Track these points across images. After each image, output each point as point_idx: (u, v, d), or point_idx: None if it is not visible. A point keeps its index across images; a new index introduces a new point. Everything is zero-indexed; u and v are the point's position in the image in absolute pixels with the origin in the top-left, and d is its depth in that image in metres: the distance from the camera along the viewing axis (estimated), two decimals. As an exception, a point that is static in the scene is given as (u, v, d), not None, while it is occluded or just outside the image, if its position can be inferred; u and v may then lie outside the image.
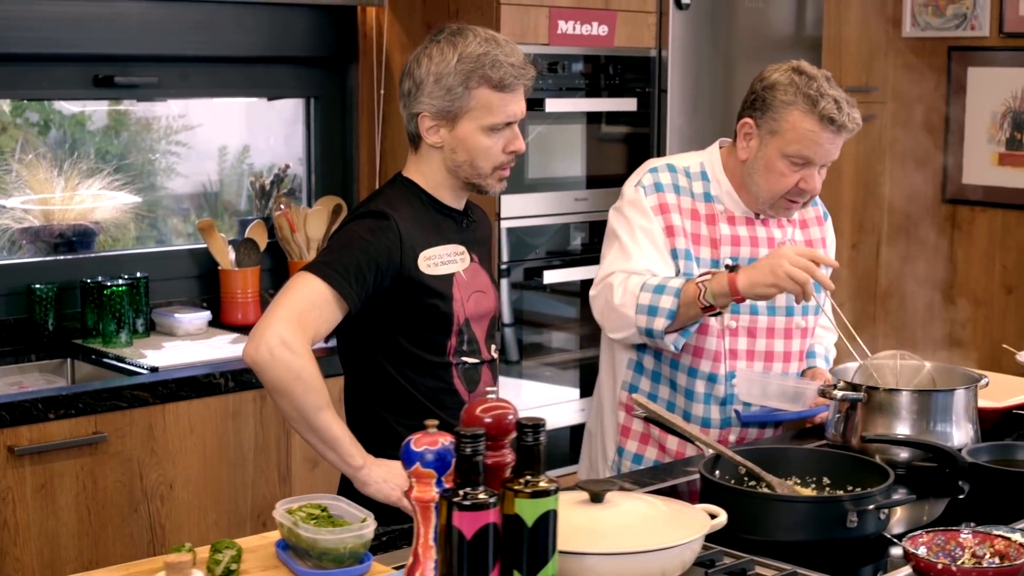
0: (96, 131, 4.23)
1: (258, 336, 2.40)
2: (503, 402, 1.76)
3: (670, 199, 2.83)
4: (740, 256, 2.84)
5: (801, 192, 2.80)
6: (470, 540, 1.58)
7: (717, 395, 2.85)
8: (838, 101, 2.73)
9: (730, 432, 2.85)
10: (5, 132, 4.25)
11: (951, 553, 2.03)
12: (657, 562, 1.87)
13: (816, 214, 3.03)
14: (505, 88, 2.56)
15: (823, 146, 2.74)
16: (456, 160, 2.59)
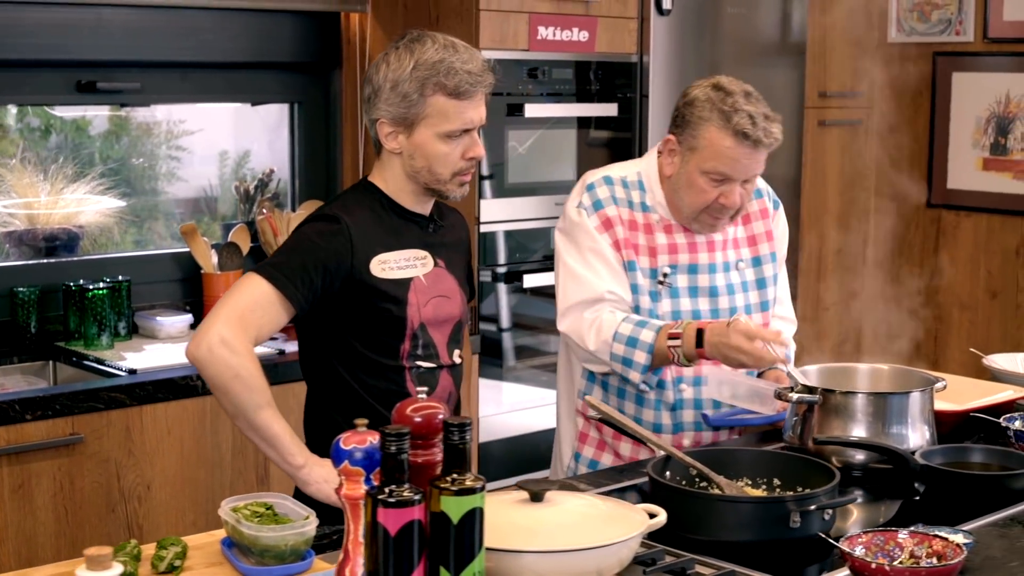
0: (96, 136, 4.28)
1: (200, 334, 2.45)
2: (433, 402, 1.79)
3: (611, 212, 2.84)
4: (679, 263, 2.85)
5: (722, 208, 2.80)
6: (395, 536, 1.61)
7: (667, 400, 2.86)
8: (753, 116, 2.72)
9: (683, 436, 2.87)
10: (6, 137, 4.30)
11: (890, 553, 2.05)
12: (593, 560, 1.90)
13: (761, 207, 3.00)
14: (461, 95, 2.59)
15: (740, 162, 2.74)
16: (415, 166, 2.62)
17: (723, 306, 2.88)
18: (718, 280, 2.89)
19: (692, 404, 2.89)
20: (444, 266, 2.71)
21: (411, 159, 2.62)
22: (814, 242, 5.15)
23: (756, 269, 2.95)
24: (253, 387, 2.46)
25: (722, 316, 2.86)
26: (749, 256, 2.94)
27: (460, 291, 2.75)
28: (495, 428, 4.15)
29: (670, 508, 2.22)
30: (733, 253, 2.92)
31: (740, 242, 2.94)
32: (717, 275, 2.89)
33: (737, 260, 2.92)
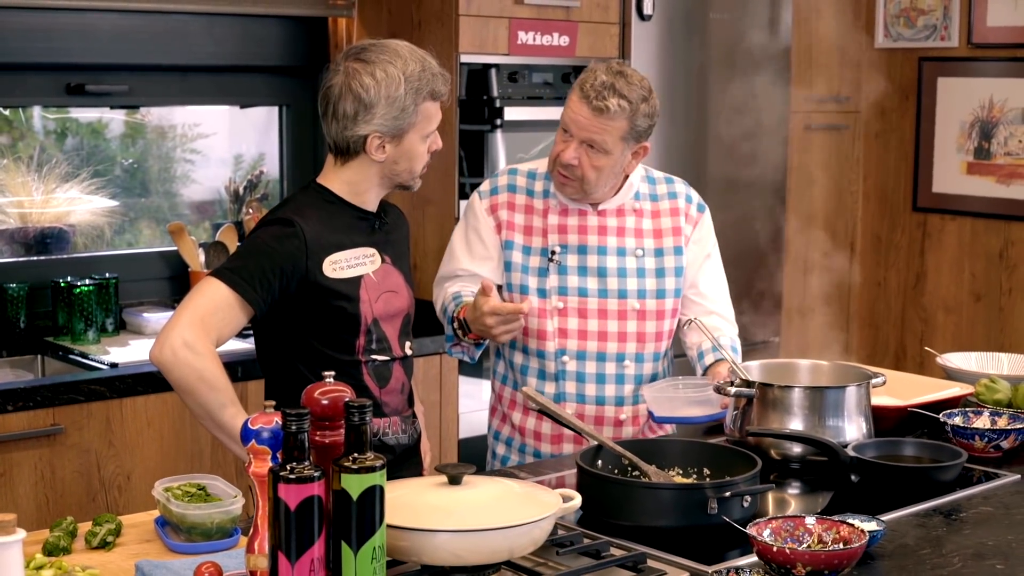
0: (113, 139, 4.40)
1: (163, 338, 2.53)
2: (340, 385, 1.87)
3: (502, 199, 3.07)
4: (568, 243, 3.02)
5: (562, 164, 2.95)
6: (295, 511, 1.70)
7: (548, 371, 3.01)
8: (598, 80, 2.89)
9: (564, 407, 2.98)
10: (23, 139, 4.43)
11: (799, 538, 2.12)
12: (504, 539, 1.98)
13: (674, 206, 3.12)
14: (440, 97, 2.73)
15: (576, 116, 2.90)
16: (396, 169, 2.72)
17: (612, 286, 3.02)
18: (608, 262, 3.02)
19: (575, 376, 3.02)
20: (391, 262, 2.80)
21: (395, 164, 2.71)
22: (800, 245, 5.21)
23: (657, 259, 3.06)
24: (217, 387, 2.54)
25: (610, 296, 3.01)
26: (652, 247, 3.06)
27: (406, 285, 2.84)
28: (475, 424, 4.22)
29: (595, 494, 2.31)
30: (632, 240, 3.05)
31: (644, 232, 3.07)
32: (608, 257, 3.03)
33: (636, 248, 3.05)
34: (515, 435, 3.12)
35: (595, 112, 2.87)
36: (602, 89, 2.88)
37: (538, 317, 3.01)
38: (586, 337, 3.01)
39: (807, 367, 2.92)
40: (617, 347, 3.03)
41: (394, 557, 1.99)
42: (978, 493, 2.52)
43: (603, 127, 2.88)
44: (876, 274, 5.39)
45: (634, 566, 2.08)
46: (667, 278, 3.06)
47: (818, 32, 5.15)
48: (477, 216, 3.08)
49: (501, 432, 3.16)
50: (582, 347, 3.02)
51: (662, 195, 3.12)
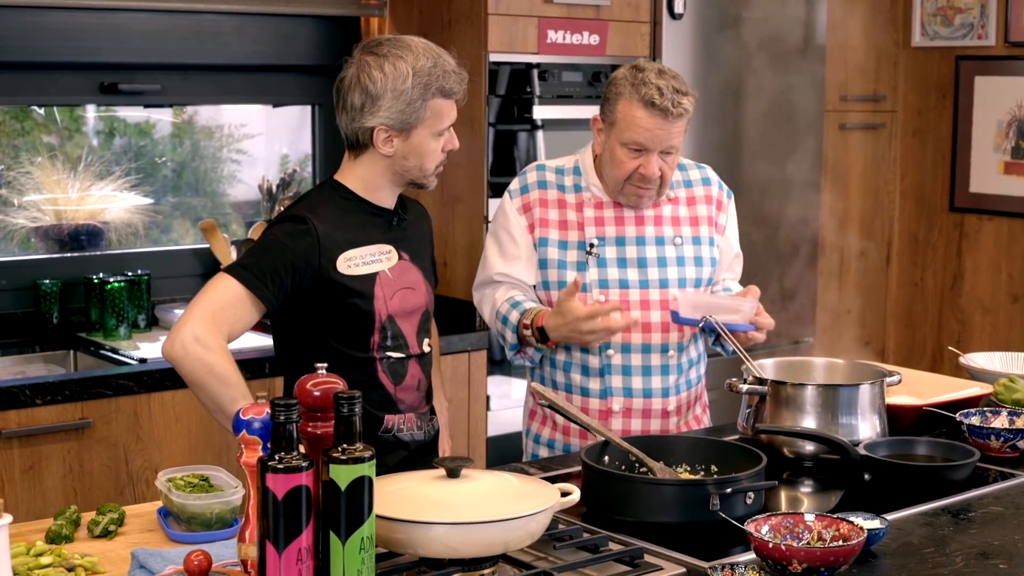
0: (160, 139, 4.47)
1: (174, 333, 2.56)
2: (333, 377, 1.89)
3: (533, 196, 3.05)
4: (606, 235, 3.00)
5: (643, 178, 2.92)
6: (282, 500, 1.72)
7: (593, 366, 2.99)
8: (661, 88, 2.86)
9: (612, 401, 2.98)
10: (71, 139, 4.50)
11: (798, 535, 2.12)
12: (500, 532, 1.99)
13: (707, 193, 3.12)
14: (453, 94, 2.73)
15: (652, 131, 2.87)
16: (406, 165, 2.73)
17: (652, 276, 3.00)
18: (648, 252, 3.01)
19: (621, 370, 3.00)
20: (409, 259, 2.81)
21: (404, 159, 2.72)
22: (835, 244, 5.18)
23: (695, 247, 3.06)
24: (228, 382, 2.57)
25: (652, 286, 2.99)
26: (689, 235, 3.05)
27: (425, 282, 2.85)
28: (503, 422, 4.24)
29: (599, 490, 2.32)
30: (671, 229, 3.04)
31: (681, 220, 3.06)
32: (647, 247, 3.01)
33: (675, 236, 3.04)
34: (557, 436, 3.08)
35: (672, 119, 2.86)
36: (672, 95, 2.86)
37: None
38: (629, 329, 2.98)
39: (822, 365, 2.91)
40: (661, 338, 3.00)
41: (391, 549, 2.01)
42: (990, 493, 2.51)
43: (678, 130, 2.90)
44: (913, 275, 5.35)
45: (631, 561, 2.09)
46: (704, 267, 3.05)
47: (854, 31, 5.12)
48: (508, 217, 3.06)
49: (541, 435, 3.12)
50: (626, 340, 2.98)
51: (696, 181, 3.12)
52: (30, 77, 3.96)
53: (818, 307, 5.11)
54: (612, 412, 2.98)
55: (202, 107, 4.49)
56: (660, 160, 2.91)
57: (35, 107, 4.16)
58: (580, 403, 3.00)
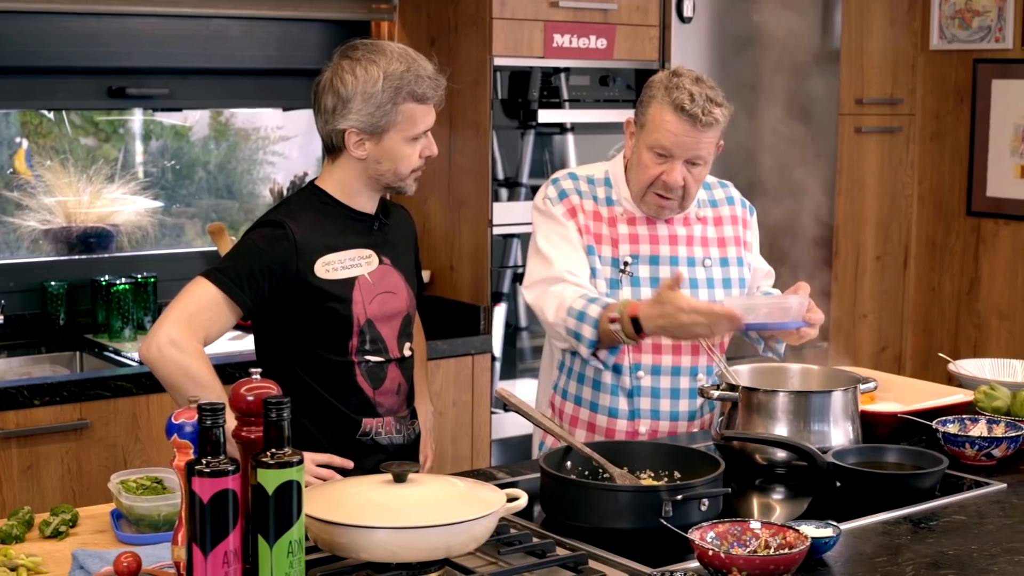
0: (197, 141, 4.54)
1: (151, 336, 2.60)
2: (267, 382, 1.91)
3: (575, 201, 2.99)
4: (640, 253, 2.95)
5: (665, 186, 2.89)
6: (208, 504, 1.74)
7: (623, 386, 2.96)
8: (694, 95, 2.82)
9: (639, 423, 2.95)
10: (108, 141, 4.57)
11: (746, 543, 2.11)
12: (441, 537, 2.00)
13: (732, 213, 3.10)
14: (426, 100, 2.73)
15: (679, 137, 2.84)
16: (380, 169, 2.74)
17: None
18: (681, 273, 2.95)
19: (649, 392, 2.97)
20: (390, 263, 2.83)
21: (377, 163, 2.74)
22: (850, 248, 5.15)
23: (723, 269, 3.04)
24: (203, 384, 2.59)
25: None
26: (718, 256, 3.03)
27: (407, 286, 2.86)
28: (507, 425, 4.25)
29: (555, 496, 2.33)
30: (700, 250, 3.01)
31: (710, 241, 3.03)
32: (680, 268, 2.97)
33: (704, 257, 3.01)
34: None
35: (703, 128, 2.83)
36: (704, 103, 2.83)
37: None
38: (661, 351, 2.96)
39: (797, 371, 2.89)
40: (691, 360, 2.98)
41: (334, 553, 2.03)
42: (957, 502, 2.49)
43: (707, 140, 2.86)
44: (930, 279, 5.30)
45: (575, 567, 2.09)
46: (733, 289, 3.03)
47: (871, 34, 5.08)
48: (559, 220, 2.98)
49: (545, 442, 3.08)
50: (657, 361, 2.96)
51: (720, 200, 3.10)
52: (39, 81, 4.02)
53: (832, 312, 5.07)
54: (639, 435, 2.96)
55: (239, 110, 4.53)
56: (685, 170, 2.87)
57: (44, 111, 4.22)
58: (606, 424, 2.99)
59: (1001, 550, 2.22)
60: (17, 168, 4.23)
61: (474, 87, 4.18)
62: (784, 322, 2.88)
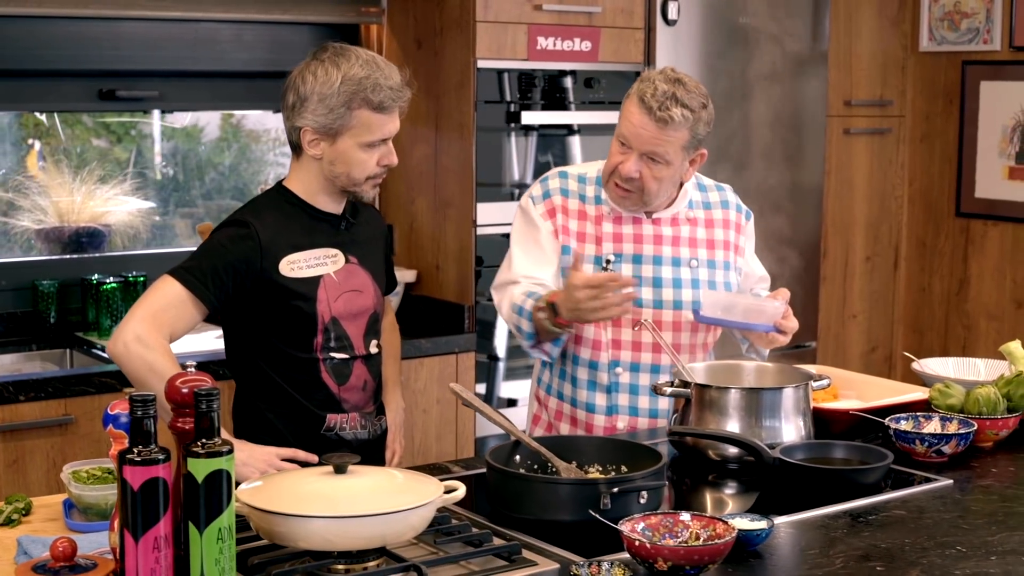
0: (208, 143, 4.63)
1: (117, 332, 2.67)
2: (201, 375, 1.97)
3: (557, 201, 3.04)
4: (623, 252, 3.00)
5: (621, 177, 2.93)
6: (137, 491, 1.80)
7: (601, 382, 3.01)
8: (657, 89, 2.86)
9: (617, 419, 3.00)
10: (120, 143, 4.65)
11: (677, 534, 2.16)
12: (376, 526, 2.05)
13: (726, 216, 3.14)
14: (384, 110, 2.77)
15: (637, 128, 2.88)
16: (334, 171, 2.80)
17: (667, 297, 3.01)
18: (664, 272, 3.01)
19: (628, 388, 3.02)
20: (357, 262, 2.88)
21: (331, 165, 2.79)
22: (839, 249, 5.18)
23: (710, 271, 3.06)
24: (167, 379, 2.65)
25: (665, 307, 3.00)
26: (705, 258, 3.06)
27: (374, 285, 2.92)
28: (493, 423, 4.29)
29: (499, 489, 2.38)
30: (687, 251, 3.05)
31: (698, 242, 3.07)
32: (664, 267, 3.02)
33: (691, 258, 3.04)
34: None
35: (659, 124, 2.86)
36: (664, 99, 2.85)
37: (592, 326, 2.99)
38: (640, 349, 3.01)
39: (752, 368, 2.93)
40: (671, 360, 3.00)
41: (275, 542, 2.09)
42: (900, 497, 2.52)
43: (666, 138, 2.88)
44: (920, 280, 5.33)
45: (508, 556, 2.14)
46: (718, 292, 3.06)
47: (860, 36, 5.11)
48: (534, 222, 3.04)
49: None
50: (636, 359, 3.01)
51: (715, 203, 3.13)
52: (30, 84, 4.10)
53: (820, 312, 5.11)
54: (617, 430, 3.01)
55: (250, 112, 4.61)
56: (643, 164, 2.90)
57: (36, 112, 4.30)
58: (585, 419, 3.03)
59: (934, 544, 2.26)
60: (29, 169, 4.32)
61: (459, 89, 4.24)
62: (754, 324, 2.92)
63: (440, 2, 4.27)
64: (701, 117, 2.90)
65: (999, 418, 2.83)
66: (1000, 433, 2.85)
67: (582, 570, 2.03)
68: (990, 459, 2.80)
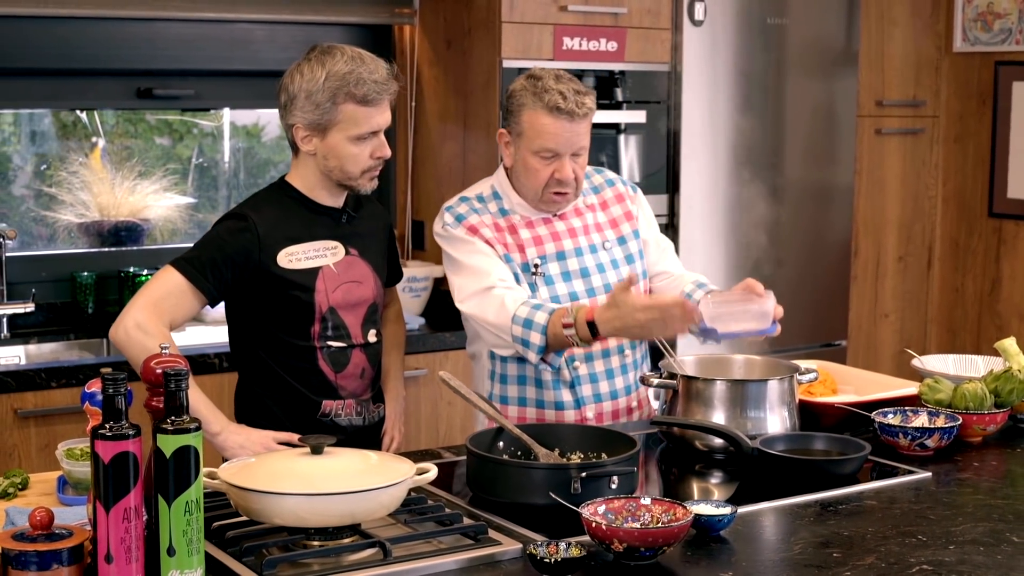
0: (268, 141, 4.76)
1: (119, 319, 2.79)
2: (176, 357, 2.07)
3: (473, 220, 3.06)
4: (547, 253, 3.07)
5: (559, 183, 3.01)
6: (108, 464, 1.91)
7: (564, 379, 3.07)
8: (563, 92, 2.95)
9: (586, 410, 3.07)
10: (182, 141, 4.81)
11: (639, 518, 2.23)
12: (347, 504, 2.14)
13: (616, 192, 3.22)
14: (369, 103, 2.86)
15: (561, 135, 2.96)
16: (328, 165, 2.90)
17: (596, 284, 3.09)
18: (587, 261, 3.10)
19: (588, 379, 3.09)
20: (357, 254, 2.98)
21: (325, 159, 2.90)
22: (870, 249, 5.20)
23: (622, 247, 3.16)
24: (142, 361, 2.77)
25: (598, 293, 3.07)
26: (614, 237, 3.15)
27: (374, 276, 3.01)
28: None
29: (477, 473, 2.47)
30: (597, 236, 3.14)
31: (602, 226, 3.16)
32: (585, 257, 3.10)
33: (603, 241, 3.13)
34: None
35: (577, 120, 2.96)
36: (575, 97, 2.95)
37: None
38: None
39: (740, 362, 2.99)
40: (627, 352, 3.11)
41: (252, 518, 2.19)
42: (875, 488, 2.57)
43: (585, 130, 3.00)
44: (954, 280, 5.33)
45: (474, 536, 2.22)
46: (636, 263, 3.15)
47: (892, 37, 5.13)
48: (464, 239, 3.05)
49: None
50: (587, 349, 3.05)
51: (601, 185, 3.21)
52: (69, 83, 4.24)
53: (851, 311, 5.13)
54: (587, 419, 3.08)
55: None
56: (573, 164, 3.01)
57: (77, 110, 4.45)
58: (555, 417, 3.08)
59: (896, 532, 2.31)
60: (93, 166, 4.48)
61: (485, 88, 4.33)
62: (765, 328, 2.89)
63: (468, 3, 4.36)
64: (594, 94, 3.03)
65: (985, 413, 2.87)
66: (987, 428, 2.88)
67: (540, 549, 2.11)
68: (975, 454, 2.84)
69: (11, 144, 4.43)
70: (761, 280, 2.94)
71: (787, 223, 4.88)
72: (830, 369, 3.25)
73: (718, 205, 4.70)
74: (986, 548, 2.23)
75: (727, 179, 4.71)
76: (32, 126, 4.45)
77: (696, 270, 4.54)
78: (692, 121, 4.60)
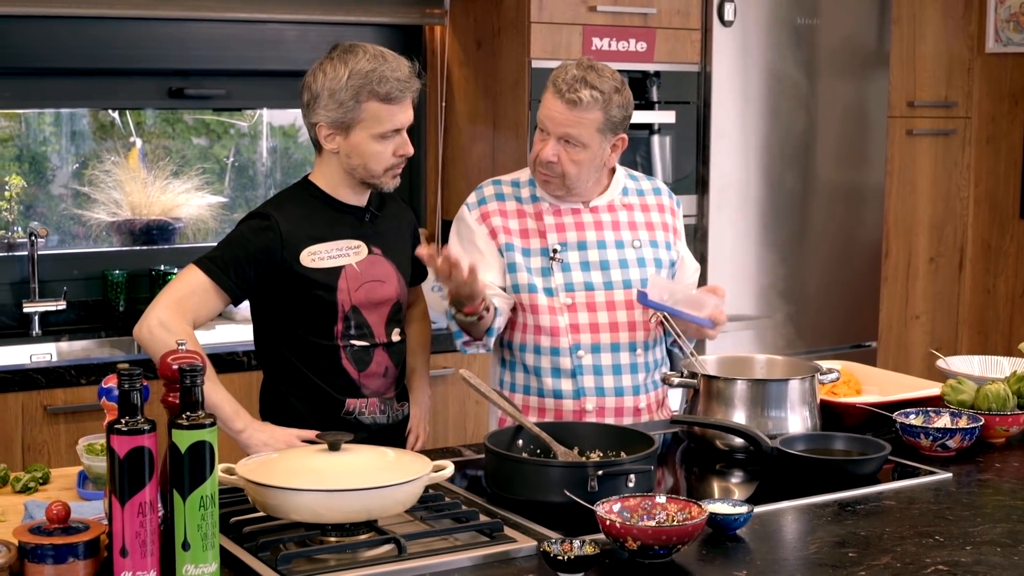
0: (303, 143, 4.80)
1: (143, 318, 2.82)
2: (192, 353, 2.09)
3: (491, 207, 3.13)
4: (568, 240, 3.10)
5: (543, 163, 3.04)
6: (123, 459, 1.93)
7: (564, 368, 3.09)
8: (568, 76, 2.98)
9: (585, 401, 3.08)
10: (219, 141, 4.85)
11: (655, 516, 2.23)
12: (362, 500, 2.16)
13: (660, 202, 3.24)
14: (392, 100, 2.88)
15: (552, 115, 3.00)
16: (351, 164, 2.92)
17: (615, 278, 3.10)
18: (609, 255, 3.11)
19: (592, 370, 3.09)
20: (380, 253, 2.99)
21: (348, 158, 2.91)
22: (901, 250, 5.18)
23: (653, 250, 3.16)
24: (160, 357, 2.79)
25: (616, 287, 3.09)
26: (646, 238, 3.16)
27: (398, 275, 3.03)
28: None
29: (496, 471, 2.48)
30: (628, 233, 3.14)
31: (637, 225, 3.17)
32: (608, 250, 3.12)
33: (632, 239, 3.14)
34: None
35: (568, 105, 2.97)
36: (573, 82, 2.98)
37: (549, 314, 3.08)
38: (598, 330, 3.09)
39: (762, 361, 2.99)
40: (629, 336, 3.10)
41: (268, 514, 2.21)
42: (894, 488, 2.57)
43: (578, 120, 2.99)
44: (985, 281, 5.31)
45: (490, 533, 2.23)
46: (663, 269, 3.16)
47: (924, 38, 5.11)
48: (469, 227, 3.14)
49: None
50: (595, 340, 3.09)
51: (647, 191, 3.23)
52: (101, 82, 4.28)
53: (882, 312, 5.11)
54: (586, 412, 3.09)
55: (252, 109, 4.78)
56: (560, 148, 3.01)
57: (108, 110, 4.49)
58: (554, 405, 3.11)
59: (913, 533, 2.30)
60: (131, 166, 4.52)
61: (514, 89, 4.34)
62: (694, 315, 2.98)
63: (498, 3, 4.37)
64: (613, 100, 3.00)
65: (1008, 414, 2.86)
66: (1010, 429, 2.87)
67: (554, 546, 2.11)
68: (998, 455, 2.83)
69: (51, 144, 4.48)
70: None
71: (817, 224, 4.87)
72: (854, 370, 3.25)
73: (748, 206, 4.69)
74: (1003, 549, 2.22)
75: (757, 180, 4.70)
76: (72, 126, 4.50)
77: (725, 270, 4.60)
78: (722, 122, 4.60)
